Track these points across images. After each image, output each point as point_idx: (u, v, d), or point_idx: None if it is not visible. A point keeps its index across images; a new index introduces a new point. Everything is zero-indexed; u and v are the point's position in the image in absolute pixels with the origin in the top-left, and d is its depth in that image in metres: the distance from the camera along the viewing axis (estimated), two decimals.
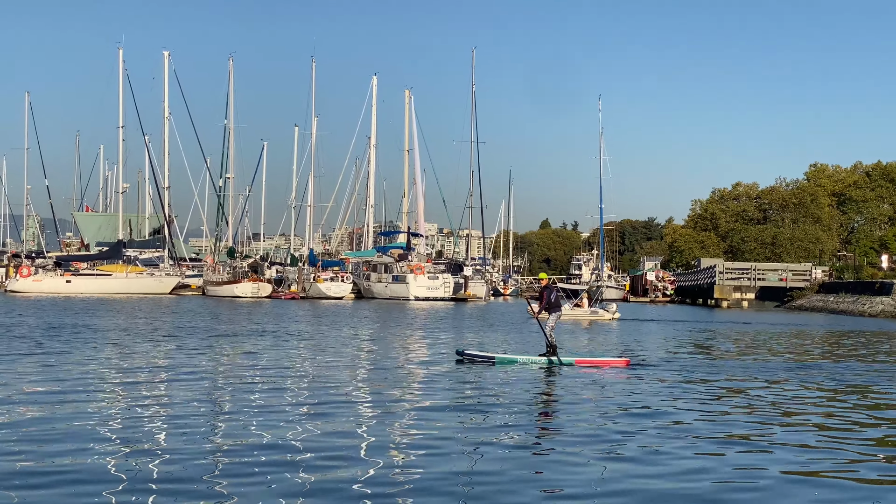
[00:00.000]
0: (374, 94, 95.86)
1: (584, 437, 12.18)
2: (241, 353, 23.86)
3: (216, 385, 17.10)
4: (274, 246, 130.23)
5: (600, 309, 49.94)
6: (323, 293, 79.47)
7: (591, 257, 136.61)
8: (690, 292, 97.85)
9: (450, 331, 36.39)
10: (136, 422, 12.66)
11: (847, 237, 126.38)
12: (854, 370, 22.35)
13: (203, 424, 12.57)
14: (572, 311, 48.85)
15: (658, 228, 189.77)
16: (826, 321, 54.16)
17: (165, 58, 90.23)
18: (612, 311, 49.20)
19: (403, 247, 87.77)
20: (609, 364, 21.36)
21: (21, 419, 12.61)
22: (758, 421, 13.89)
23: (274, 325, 36.91)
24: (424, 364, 21.69)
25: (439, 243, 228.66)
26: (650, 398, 16.25)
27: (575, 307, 50.17)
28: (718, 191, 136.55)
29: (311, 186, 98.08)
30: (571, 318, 46.84)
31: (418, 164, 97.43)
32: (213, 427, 12.41)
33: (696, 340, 33.80)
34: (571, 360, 21.45)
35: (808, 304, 74.73)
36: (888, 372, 22.07)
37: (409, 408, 14.65)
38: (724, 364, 23.26)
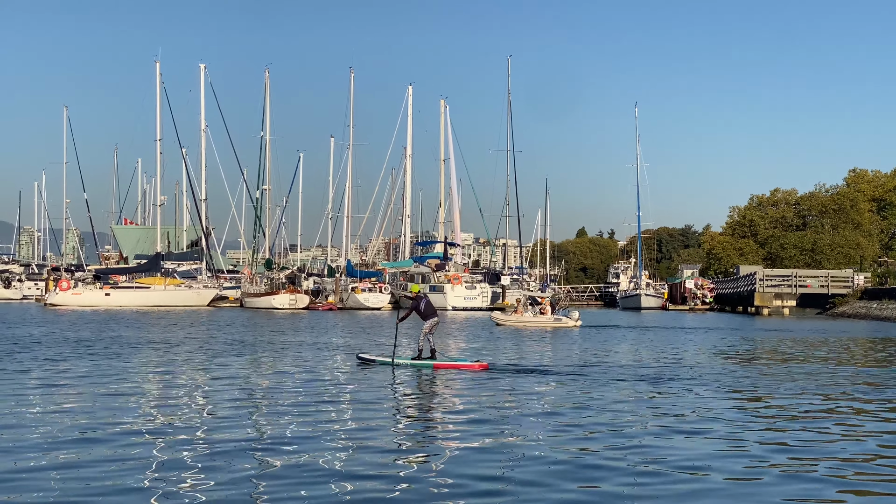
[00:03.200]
0: (409, 103, 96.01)
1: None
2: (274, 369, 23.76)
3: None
4: (311, 257, 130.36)
5: (563, 316, 50.26)
6: (361, 304, 79.39)
7: (628, 265, 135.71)
8: (730, 300, 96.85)
9: (471, 340, 36.13)
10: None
11: (888, 242, 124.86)
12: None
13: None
14: (536, 319, 49.83)
15: (695, 236, 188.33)
16: (851, 328, 53.42)
17: (202, 70, 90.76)
18: (574, 319, 49.43)
19: (440, 257, 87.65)
20: (466, 367, 22.67)
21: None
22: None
23: (314, 336, 36.74)
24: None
25: (476, 253, 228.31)
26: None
27: (539, 314, 50.67)
28: (756, 197, 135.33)
29: (347, 197, 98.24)
30: (536, 326, 48.18)
31: (454, 173, 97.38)
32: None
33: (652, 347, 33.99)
34: (430, 364, 22.89)
35: (851, 311, 73.70)
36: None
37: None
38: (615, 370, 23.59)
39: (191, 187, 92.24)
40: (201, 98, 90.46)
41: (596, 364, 25.22)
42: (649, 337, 41.47)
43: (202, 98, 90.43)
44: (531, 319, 49.80)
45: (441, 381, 20.67)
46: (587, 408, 16.33)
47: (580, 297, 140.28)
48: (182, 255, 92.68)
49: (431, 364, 23.02)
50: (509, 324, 49.59)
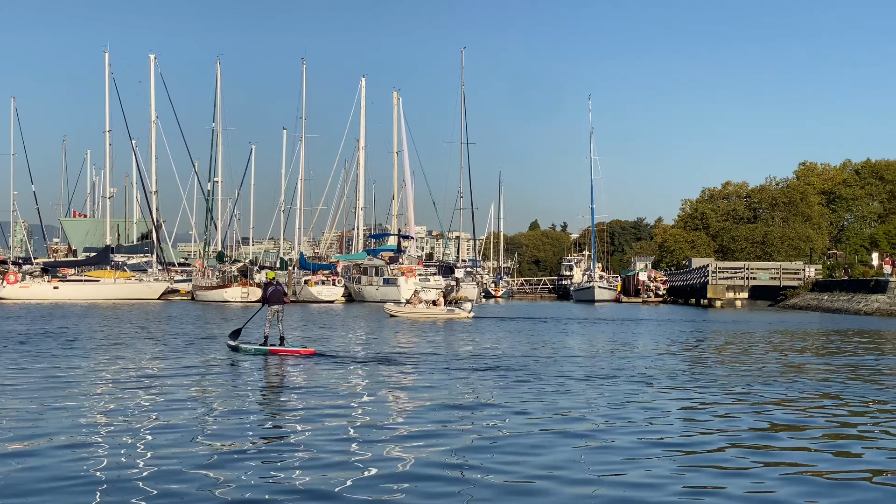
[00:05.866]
0: (362, 96, 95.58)
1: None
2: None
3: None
4: (263, 250, 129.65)
5: (456, 308, 50.46)
6: (314, 297, 78.96)
7: (581, 258, 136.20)
8: (683, 292, 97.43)
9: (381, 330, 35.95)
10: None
11: (837, 235, 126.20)
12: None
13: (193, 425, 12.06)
14: (428, 311, 50.09)
15: (648, 228, 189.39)
16: (801, 319, 53.87)
17: (152, 61, 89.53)
18: (467, 311, 49.61)
19: (394, 249, 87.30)
20: (296, 353, 23.88)
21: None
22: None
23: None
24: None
25: (429, 245, 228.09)
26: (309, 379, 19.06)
27: (432, 306, 50.99)
28: (708, 190, 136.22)
29: (300, 190, 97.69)
30: (428, 317, 48.37)
31: (407, 166, 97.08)
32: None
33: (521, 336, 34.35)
34: (266, 350, 24.10)
35: (802, 303, 74.32)
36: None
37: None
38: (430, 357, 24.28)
39: (141, 179, 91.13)
40: (151, 89, 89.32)
41: (434, 354, 25.47)
42: (539, 329, 41.55)
43: (152, 89, 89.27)
44: (424, 311, 49.99)
45: (265, 365, 21.76)
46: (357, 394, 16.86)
47: (533, 290, 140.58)
48: (132, 247, 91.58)
49: (267, 349, 24.17)
50: (402, 315, 49.70)
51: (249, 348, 24.78)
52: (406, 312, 50.28)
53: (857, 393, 17.59)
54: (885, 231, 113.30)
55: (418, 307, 50.84)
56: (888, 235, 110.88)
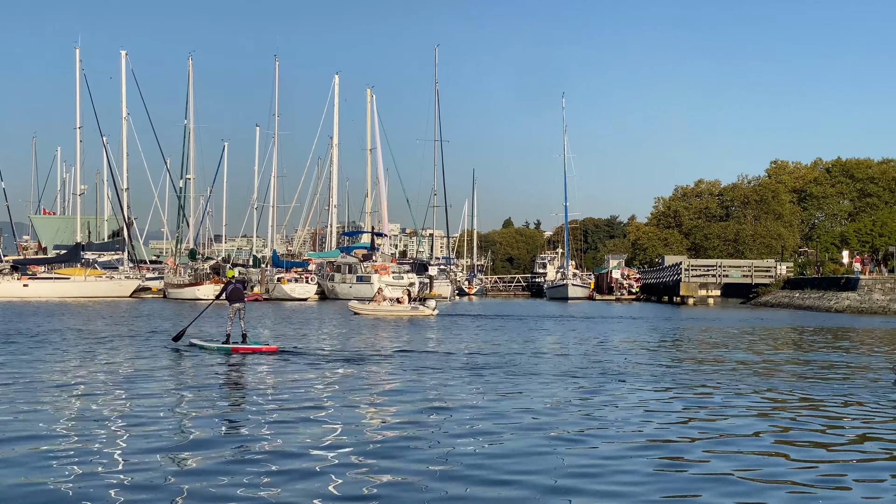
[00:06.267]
0: (336, 93, 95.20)
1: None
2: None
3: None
4: (236, 247, 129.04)
5: (420, 305, 50.63)
6: (287, 294, 78.68)
7: (555, 256, 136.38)
8: (656, 290, 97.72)
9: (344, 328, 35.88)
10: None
11: (808, 233, 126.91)
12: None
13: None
14: (393, 308, 50.08)
15: (621, 226, 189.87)
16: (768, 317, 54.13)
17: (123, 57, 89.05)
18: (431, 308, 49.64)
19: (367, 247, 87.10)
20: (258, 350, 23.93)
21: None
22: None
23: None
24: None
25: (402, 243, 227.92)
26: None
27: (396, 304, 51.03)
28: (681, 188, 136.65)
29: (273, 187, 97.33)
30: (392, 315, 48.37)
31: (381, 163, 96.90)
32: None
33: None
34: (228, 348, 24.19)
35: (774, 301, 74.68)
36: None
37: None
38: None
39: (112, 176, 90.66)
40: (122, 85, 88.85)
41: (400, 351, 25.60)
42: (501, 325, 41.65)
43: (123, 85, 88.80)
44: (388, 309, 49.98)
45: (228, 364, 21.73)
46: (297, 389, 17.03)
47: (507, 288, 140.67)
48: (103, 245, 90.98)
49: (229, 348, 24.28)
50: (366, 313, 49.71)
51: (212, 347, 24.76)
52: (370, 310, 50.27)
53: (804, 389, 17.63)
54: (855, 229, 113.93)
55: (382, 305, 50.85)
56: (858, 233, 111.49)
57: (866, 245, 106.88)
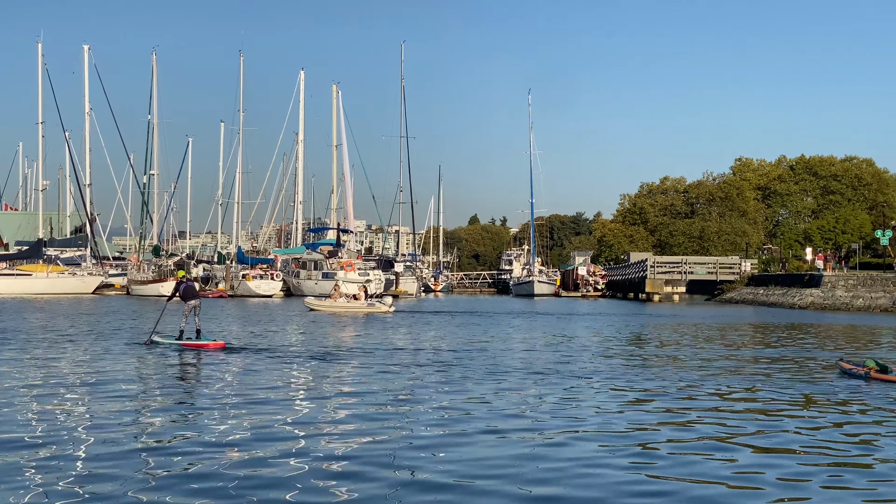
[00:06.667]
0: (301, 89, 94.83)
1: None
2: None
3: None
4: (200, 244, 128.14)
5: (377, 302, 50.50)
6: (252, 291, 78.26)
7: (521, 252, 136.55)
8: (622, 286, 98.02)
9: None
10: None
11: (772, 230, 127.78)
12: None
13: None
14: (349, 305, 50.04)
15: (587, 223, 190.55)
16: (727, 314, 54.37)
17: (86, 52, 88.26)
18: (387, 305, 49.61)
19: (333, 243, 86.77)
20: (206, 346, 24.36)
21: None
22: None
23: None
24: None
25: (368, 240, 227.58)
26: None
27: (352, 300, 51.04)
28: (647, 185, 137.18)
29: (238, 183, 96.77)
30: (349, 312, 48.34)
31: (347, 159, 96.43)
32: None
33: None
34: (178, 343, 24.86)
35: (739, 297, 75.10)
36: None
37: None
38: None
39: (74, 172, 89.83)
40: (85, 80, 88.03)
41: (355, 348, 25.69)
42: (459, 322, 41.60)
43: (86, 80, 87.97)
44: (345, 305, 49.92)
45: (179, 360, 21.96)
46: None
47: (473, 284, 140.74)
48: (65, 241, 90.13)
49: (180, 343, 24.97)
50: (323, 309, 49.66)
51: (165, 342, 25.50)
52: (326, 306, 50.16)
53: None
54: (818, 226, 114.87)
55: (339, 301, 50.73)
56: (822, 230, 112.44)
57: (829, 242, 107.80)
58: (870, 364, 18.70)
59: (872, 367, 18.53)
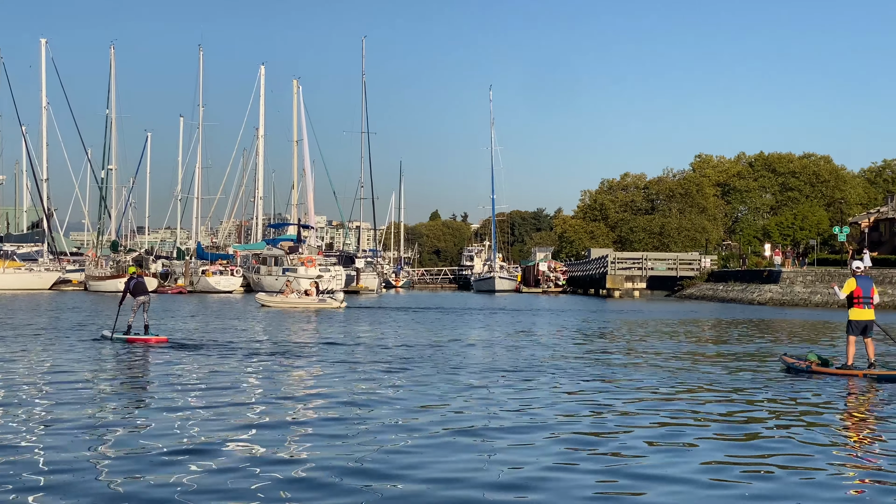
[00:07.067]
0: (261, 84, 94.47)
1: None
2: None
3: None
4: (159, 239, 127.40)
5: (328, 298, 50.64)
6: (212, 287, 77.77)
7: (482, 248, 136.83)
8: (582, 282, 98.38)
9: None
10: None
11: (731, 226, 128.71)
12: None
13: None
14: (300, 300, 50.10)
15: (547, 219, 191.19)
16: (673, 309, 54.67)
17: (42, 45, 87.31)
18: (339, 300, 49.78)
19: (294, 239, 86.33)
20: (149, 341, 24.72)
21: None
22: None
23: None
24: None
25: (329, 235, 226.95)
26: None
27: (303, 296, 51.13)
28: (607, 181, 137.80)
29: (197, 178, 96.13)
30: (300, 307, 48.32)
31: (307, 155, 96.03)
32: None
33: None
34: (125, 338, 25.09)
35: (698, 293, 75.55)
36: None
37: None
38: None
39: (31, 167, 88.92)
40: (42, 74, 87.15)
41: (280, 341, 25.91)
42: (410, 318, 41.61)
43: (43, 74, 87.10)
44: (296, 301, 49.91)
45: (124, 355, 21.98)
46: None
47: (434, 280, 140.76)
48: (22, 236, 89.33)
49: (126, 338, 25.11)
50: (274, 305, 49.54)
51: (115, 336, 25.70)
52: (277, 302, 50.04)
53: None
54: (777, 222, 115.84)
55: (290, 297, 50.63)
56: (780, 227, 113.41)
57: (788, 238, 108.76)
58: (812, 358, 19.31)
59: (814, 360, 19.14)
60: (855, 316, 18.80)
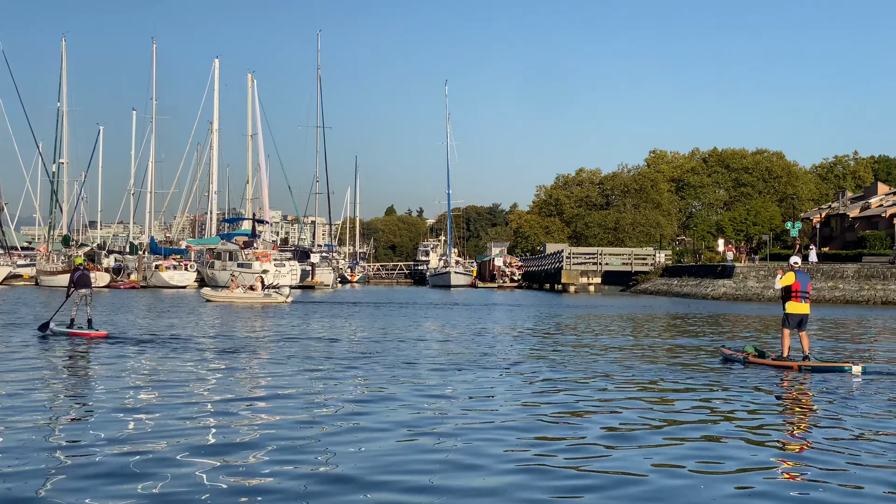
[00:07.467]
0: (216, 77, 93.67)
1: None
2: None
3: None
4: (112, 234, 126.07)
5: (273, 292, 50.52)
6: (165, 282, 77.13)
7: (437, 243, 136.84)
8: (538, 277, 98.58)
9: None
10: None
11: (685, 222, 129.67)
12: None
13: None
14: (245, 295, 49.99)
15: (503, 214, 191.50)
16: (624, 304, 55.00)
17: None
18: (285, 295, 49.70)
19: (248, 234, 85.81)
20: (88, 335, 24.45)
21: None
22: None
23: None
24: None
25: (284, 230, 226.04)
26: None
27: (249, 291, 51.02)
28: (562, 177, 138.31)
29: (151, 172, 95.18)
30: (245, 302, 48.28)
31: (262, 149, 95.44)
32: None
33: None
34: (66, 332, 24.97)
35: (653, 288, 75.91)
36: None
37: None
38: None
39: None
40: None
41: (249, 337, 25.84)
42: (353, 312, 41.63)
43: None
44: (241, 296, 49.75)
45: (66, 349, 21.80)
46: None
47: (390, 275, 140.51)
48: None
49: (67, 331, 24.96)
50: (218, 300, 49.41)
51: (57, 330, 25.47)
52: (222, 297, 49.80)
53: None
54: (730, 218, 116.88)
55: (235, 292, 50.36)
56: (733, 222, 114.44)
57: (741, 234, 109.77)
58: (748, 350, 20.00)
59: (751, 352, 19.82)
60: (792, 309, 19.32)
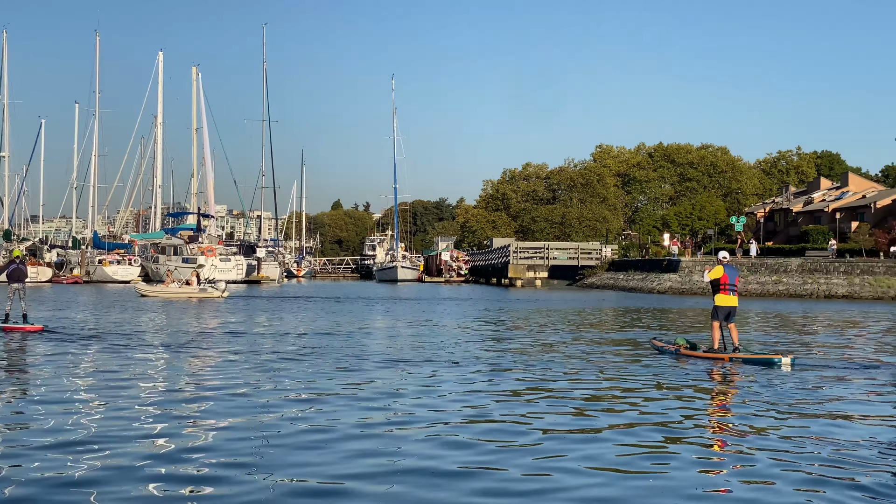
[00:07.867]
0: (160, 70, 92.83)
1: None
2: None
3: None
4: (54, 228, 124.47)
5: (209, 287, 50.41)
6: (109, 277, 76.30)
7: (384, 238, 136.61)
8: (485, 272, 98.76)
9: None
10: None
11: (631, 216, 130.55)
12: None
13: None
14: (181, 290, 49.85)
15: (450, 209, 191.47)
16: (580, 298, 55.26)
17: None
18: (221, 290, 49.62)
19: (193, 228, 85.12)
20: (24, 329, 24.32)
21: None
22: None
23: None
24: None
25: (229, 225, 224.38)
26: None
27: (185, 285, 50.94)
28: (509, 171, 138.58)
29: (93, 166, 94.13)
30: (181, 297, 48.14)
31: (207, 143, 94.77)
32: None
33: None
34: (1, 326, 24.74)
35: (600, 282, 76.34)
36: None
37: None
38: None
39: None
40: None
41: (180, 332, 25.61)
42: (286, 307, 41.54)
43: None
44: (176, 290, 49.53)
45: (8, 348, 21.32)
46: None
47: (336, 270, 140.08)
48: None
49: (2, 327, 24.76)
50: (154, 295, 49.12)
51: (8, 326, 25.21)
52: (157, 292, 49.41)
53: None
54: (675, 212, 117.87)
55: (171, 286, 50.06)
56: (679, 216, 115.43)
57: (686, 228, 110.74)
58: (680, 342, 20.29)
59: (683, 344, 20.12)
60: (720, 302, 19.50)
